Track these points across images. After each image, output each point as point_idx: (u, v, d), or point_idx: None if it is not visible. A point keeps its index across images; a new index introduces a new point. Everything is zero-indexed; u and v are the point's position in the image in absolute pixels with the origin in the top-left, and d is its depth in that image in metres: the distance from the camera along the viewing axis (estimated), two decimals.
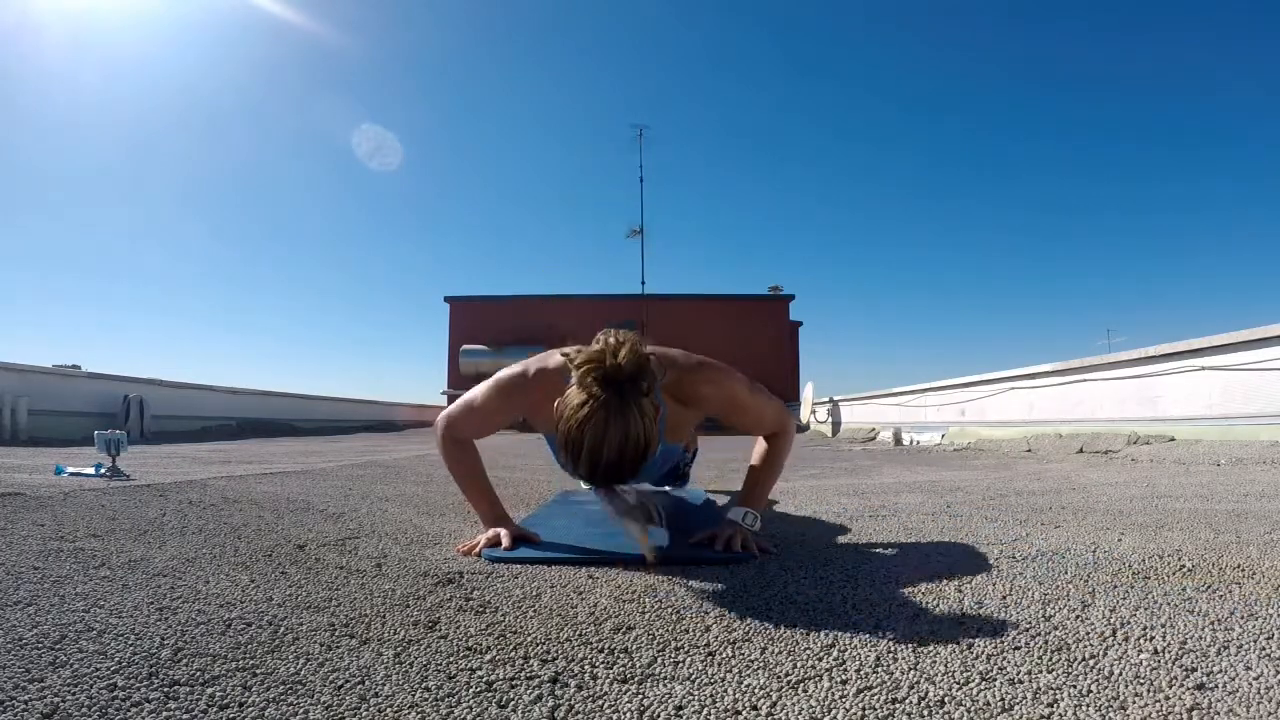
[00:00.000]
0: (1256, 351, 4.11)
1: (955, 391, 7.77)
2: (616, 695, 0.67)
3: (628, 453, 1.07)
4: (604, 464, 1.07)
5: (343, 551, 1.31)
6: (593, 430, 1.05)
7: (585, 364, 1.09)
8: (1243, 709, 0.63)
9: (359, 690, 0.67)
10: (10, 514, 1.51)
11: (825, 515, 1.92)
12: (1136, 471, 3.29)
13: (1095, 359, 5.63)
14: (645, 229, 17.04)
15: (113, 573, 1.07)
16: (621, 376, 1.07)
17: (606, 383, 1.07)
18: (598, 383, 1.07)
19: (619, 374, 1.07)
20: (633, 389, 1.07)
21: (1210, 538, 1.45)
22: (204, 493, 2.04)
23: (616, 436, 1.05)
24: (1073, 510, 1.94)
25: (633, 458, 1.07)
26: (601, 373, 1.07)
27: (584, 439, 1.06)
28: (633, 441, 1.06)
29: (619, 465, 1.08)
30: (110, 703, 0.62)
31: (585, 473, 1.10)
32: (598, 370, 1.08)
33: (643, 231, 17.02)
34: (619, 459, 1.07)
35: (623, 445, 1.06)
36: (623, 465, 1.08)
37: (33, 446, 5.01)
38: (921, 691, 0.67)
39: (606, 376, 1.07)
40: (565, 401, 1.09)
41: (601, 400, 1.06)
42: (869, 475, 3.42)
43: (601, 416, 1.05)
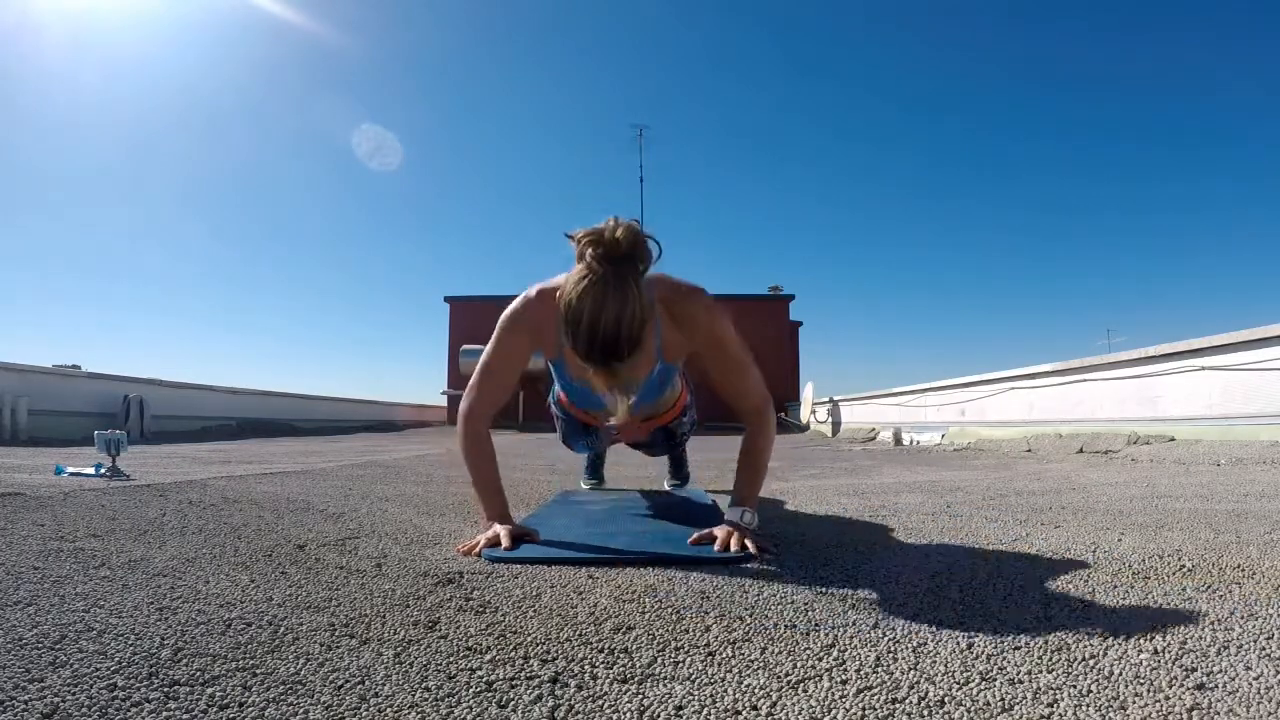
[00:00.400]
0: (1256, 351, 4.11)
1: (955, 391, 7.77)
2: (616, 695, 0.67)
3: (624, 325, 1.12)
4: (602, 335, 1.12)
5: (343, 551, 1.31)
6: (592, 300, 1.11)
7: (586, 237, 1.16)
8: (1243, 709, 0.63)
9: (359, 690, 0.67)
10: (10, 514, 1.51)
11: (825, 515, 1.92)
12: (1136, 471, 3.29)
13: (1095, 359, 5.63)
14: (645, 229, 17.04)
15: (113, 573, 1.07)
16: (619, 252, 1.14)
17: (606, 258, 1.13)
18: (597, 258, 1.13)
19: (617, 249, 1.14)
20: (630, 267, 1.15)
21: (1210, 538, 1.45)
22: (204, 493, 2.04)
23: (614, 308, 1.11)
24: (1073, 510, 1.94)
25: (629, 332, 1.13)
26: (601, 248, 1.14)
27: (584, 307, 1.12)
28: (629, 314, 1.12)
29: (616, 338, 1.12)
30: (110, 703, 0.62)
31: (584, 344, 1.14)
32: (597, 246, 1.14)
33: None
34: (616, 330, 1.12)
35: (619, 316, 1.11)
36: (619, 338, 1.13)
37: (33, 446, 5.01)
38: (921, 691, 0.67)
39: (606, 252, 1.14)
40: (568, 280, 1.16)
41: (601, 274, 1.12)
42: (869, 475, 3.42)
43: (601, 288, 1.11)
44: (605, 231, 1.15)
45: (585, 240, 1.16)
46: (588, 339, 1.13)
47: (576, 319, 1.13)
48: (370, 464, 3.66)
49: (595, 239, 1.15)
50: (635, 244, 1.16)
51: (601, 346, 1.13)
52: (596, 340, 1.13)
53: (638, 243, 1.17)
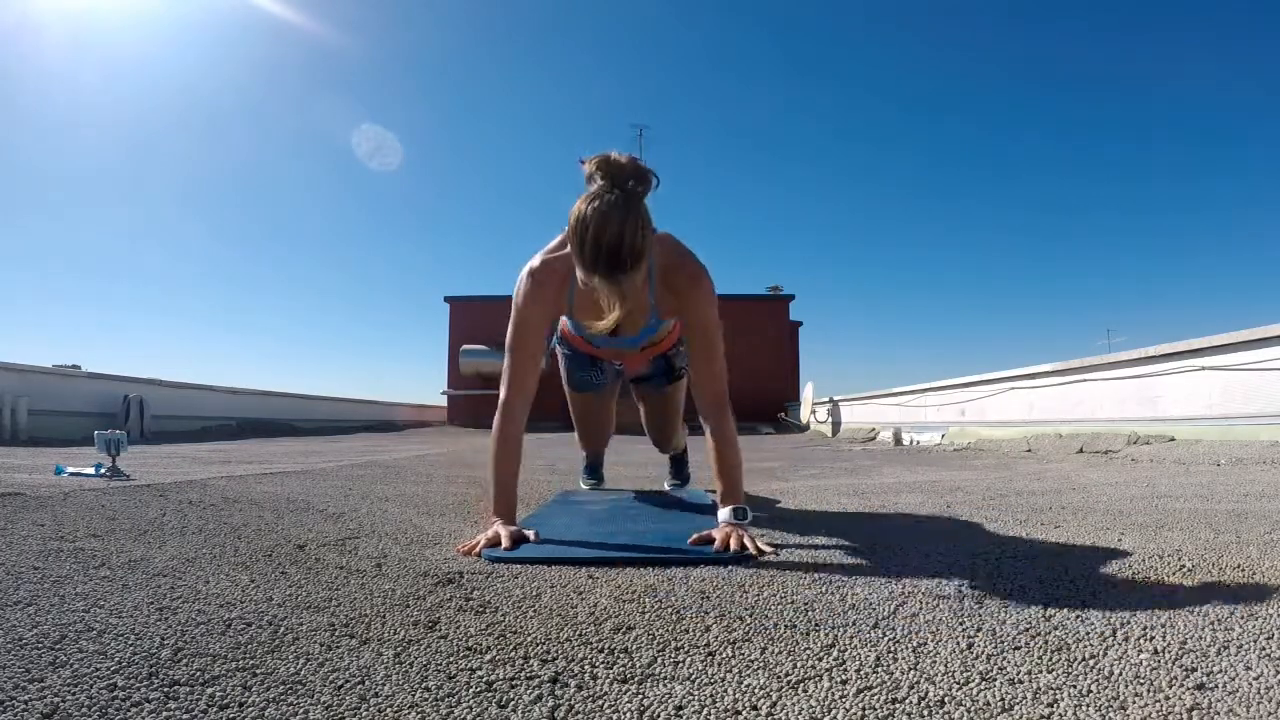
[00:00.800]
0: (1256, 351, 4.10)
1: (955, 391, 7.77)
2: (616, 695, 0.67)
3: (626, 238, 1.21)
4: (607, 246, 1.21)
5: (343, 551, 1.31)
6: (600, 214, 1.21)
7: (595, 161, 1.27)
8: (1243, 709, 0.63)
9: (359, 690, 0.67)
10: (10, 514, 1.51)
11: (825, 515, 1.92)
12: (1136, 471, 3.29)
13: (1095, 359, 5.63)
14: None
15: (113, 573, 1.07)
16: (625, 174, 1.25)
17: (613, 181, 1.24)
18: (604, 179, 1.24)
19: (622, 172, 1.25)
20: (633, 189, 1.25)
21: (1210, 538, 1.45)
22: (204, 493, 2.04)
23: (617, 221, 1.20)
24: (1073, 510, 1.94)
25: (630, 245, 1.21)
26: (609, 169, 1.25)
27: (591, 219, 1.21)
28: (631, 229, 1.21)
29: (619, 250, 1.21)
30: (110, 703, 0.62)
31: (590, 255, 1.22)
32: (605, 167, 1.25)
33: None
34: (619, 243, 1.20)
35: (622, 230, 1.20)
36: (621, 249, 1.21)
37: (33, 446, 5.01)
38: (921, 691, 0.67)
39: (613, 175, 1.25)
40: (580, 199, 1.26)
41: (609, 192, 1.23)
42: (869, 475, 3.42)
43: (609, 201, 1.22)
44: (613, 157, 1.27)
45: (595, 164, 1.26)
46: (594, 248, 1.22)
47: (584, 229, 1.22)
48: (370, 464, 3.66)
49: (604, 163, 1.26)
50: (638, 171, 1.27)
51: (607, 255, 1.21)
52: (602, 249, 1.21)
53: (640, 170, 1.28)
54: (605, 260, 1.22)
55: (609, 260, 1.22)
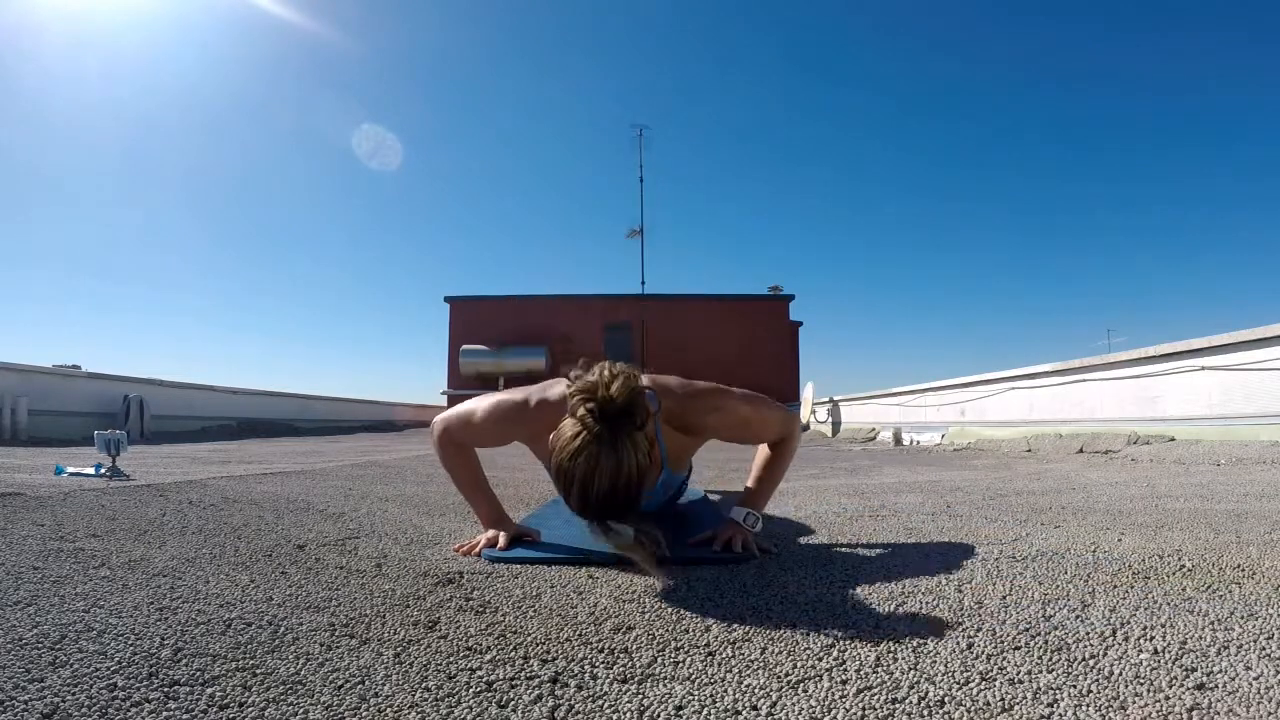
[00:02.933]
0: (1256, 351, 4.11)
1: (955, 391, 7.77)
2: (616, 695, 0.67)
3: (619, 487, 1.05)
4: (595, 498, 1.05)
5: (343, 551, 1.31)
6: (584, 463, 1.04)
7: (578, 394, 1.09)
8: (1243, 709, 0.63)
9: (359, 690, 0.67)
10: (10, 514, 1.51)
11: (825, 515, 1.92)
12: (1136, 471, 3.29)
13: (1095, 359, 5.63)
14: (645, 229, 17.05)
15: (113, 573, 1.07)
16: (614, 409, 1.06)
17: (599, 415, 1.06)
18: (590, 415, 1.06)
19: (611, 406, 1.06)
20: (626, 422, 1.07)
21: (1210, 538, 1.45)
22: (204, 493, 2.04)
23: (608, 470, 1.04)
24: (1073, 510, 1.94)
25: (625, 493, 1.06)
26: (595, 404, 1.06)
27: (575, 473, 1.05)
28: (625, 476, 1.04)
29: (610, 500, 1.06)
30: (110, 703, 0.62)
31: (577, 506, 1.08)
32: (590, 402, 1.07)
33: (642, 231, 17.03)
34: (610, 493, 1.05)
35: (614, 479, 1.04)
36: (614, 500, 1.06)
37: (33, 446, 5.01)
38: (921, 691, 0.67)
39: (600, 408, 1.06)
40: (559, 434, 1.08)
41: (594, 433, 1.04)
42: (869, 475, 3.42)
43: (593, 449, 1.04)
44: (599, 387, 1.08)
45: (578, 395, 1.09)
46: (580, 501, 1.07)
47: (569, 480, 1.06)
48: (370, 464, 3.66)
49: (588, 394, 1.08)
50: (631, 400, 1.08)
51: (596, 507, 1.07)
52: (590, 503, 1.07)
53: (634, 399, 1.09)
54: (595, 512, 1.08)
55: (599, 512, 1.08)
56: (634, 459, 1.05)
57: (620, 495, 1.06)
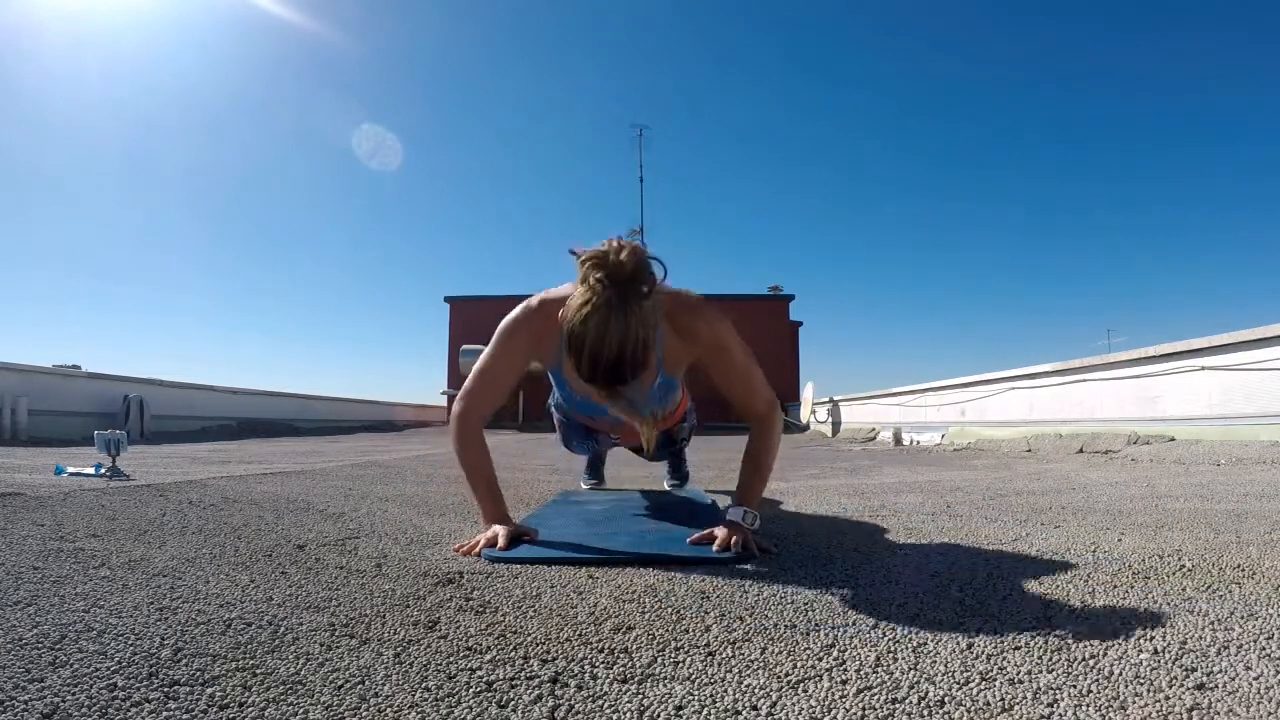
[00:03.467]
0: (1256, 351, 4.10)
1: (955, 391, 7.77)
2: (616, 695, 0.67)
3: (628, 349, 1.11)
4: (605, 359, 1.11)
5: (343, 551, 1.31)
6: (596, 325, 1.09)
7: (589, 259, 1.14)
8: (1243, 709, 0.63)
9: (359, 690, 0.67)
10: (10, 514, 1.51)
11: (825, 515, 1.92)
12: (1136, 471, 3.29)
13: (1095, 359, 5.63)
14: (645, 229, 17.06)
15: (113, 573, 1.07)
16: (623, 274, 1.12)
17: (609, 280, 1.11)
18: (600, 281, 1.11)
19: (620, 271, 1.12)
20: (634, 289, 1.12)
21: (1210, 538, 1.45)
22: (204, 493, 2.04)
23: (617, 332, 1.09)
24: (1073, 510, 1.94)
25: (633, 356, 1.11)
26: (605, 270, 1.11)
27: (587, 333, 1.10)
28: (632, 339, 1.10)
29: (619, 362, 1.11)
30: (110, 703, 0.62)
31: (588, 368, 1.13)
32: (600, 269, 1.12)
33: (642, 231, 17.03)
34: (619, 355, 1.11)
35: (623, 341, 1.10)
36: (623, 362, 1.11)
37: (33, 446, 5.01)
38: (921, 691, 0.67)
39: (609, 274, 1.11)
40: (570, 302, 1.14)
41: (605, 297, 1.10)
42: (869, 475, 3.42)
43: (604, 312, 1.09)
44: (609, 253, 1.13)
45: (589, 262, 1.13)
46: (591, 363, 1.12)
47: (580, 343, 1.12)
48: (370, 464, 3.66)
49: (599, 261, 1.13)
50: (639, 266, 1.14)
51: (605, 371, 1.12)
52: (600, 365, 1.12)
53: (641, 265, 1.14)
54: (604, 376, 1.14)
55: (608, 376, 1.13)
56: (641, 324, 1.11)
57: (629, 359, 1.11)
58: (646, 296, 1.13)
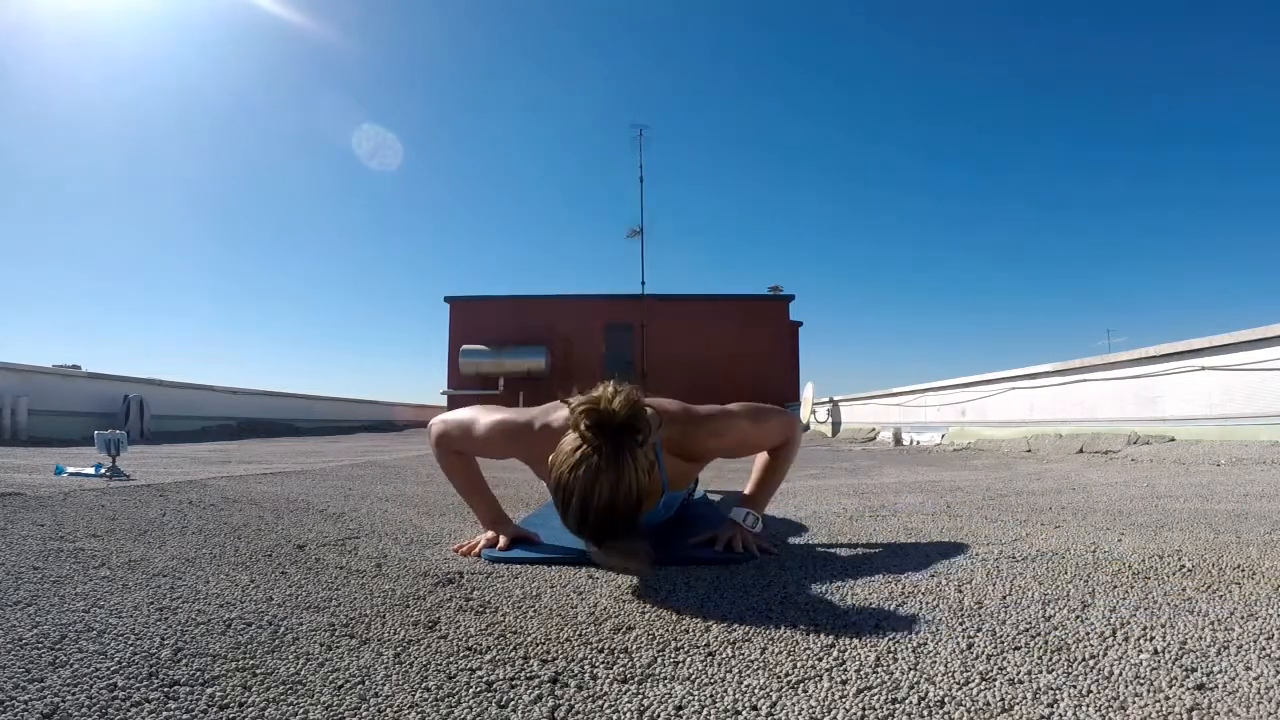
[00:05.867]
0: (1256, 351, 4.10)
1: (955, 391, 7.77)
2: (616, 695, 0.67)
3: (619, 503, 1.02)
4: (594, 514, 1.03)
5: (343, 551, 1.31)
6: (584, 478, 1.02)
7: (580, 408, 1.07)
8: (1243, 709, 0.63)
9: (359, 690, 0.67)
10: (10, 514, 1.51)
11: (825, 515, 1.92)
12: (1136, 471, 3.29)
13: (1095, 359, 5.63)
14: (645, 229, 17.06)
15: (113, 573, 1.07)
16: (615, 423, 1.05)
17: (600, 430, 1.05)
18: (591, 430, 1.05)
19: (612, 420, 1.05)
20: (627, 438, 1.05)
21: (1210, 538, 1.45)
22: (204, 493, 2.04)
23: (607, 485, 1.01)
24: (1073, 510, 1.94)
25: (624, 509, 1.03)
26: (595, 419, 1.05)
27: (575, 487, 1.02)
28: (624, 492, 1.02)
29: (610, 517, 1.03)
30: (110, 703, 0.62)
31: (575, 523, 1.05)
32: (591, 416, 1.05)
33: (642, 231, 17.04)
34: (610, 510, 1.03)
35: (614, 495, 1.02)
36: (614, 517, 1.03)
37: (33, 446, 5.01)
38: (921, 691, 0.67)
39: (600, 423, 1.05)
40: (560, 449, 1.07)
41: (595, 447, 1.03)
42: (869, 475, 3.42)
43: (593, 463, 1.02)
44: (600, 401, 1.07)
45: (580, 410, 1.06)
46: (579, 519, 1.04)
47: (567, 497, 1.04)
48: (370, 464, 3.66)
49: (590, 409, 1.06)
50: (633, 415, 1.07)
51: (594, 527, 1.05)
52: (589, 521, 1.04)
53: (636, 413, 1.07)
54: (593, 532, 1.06)
55: (597, 530, 1.05)
56: (634, 476, 1.03)
57: (620, 511, 1.03)
58: (641, 444, 1.06)
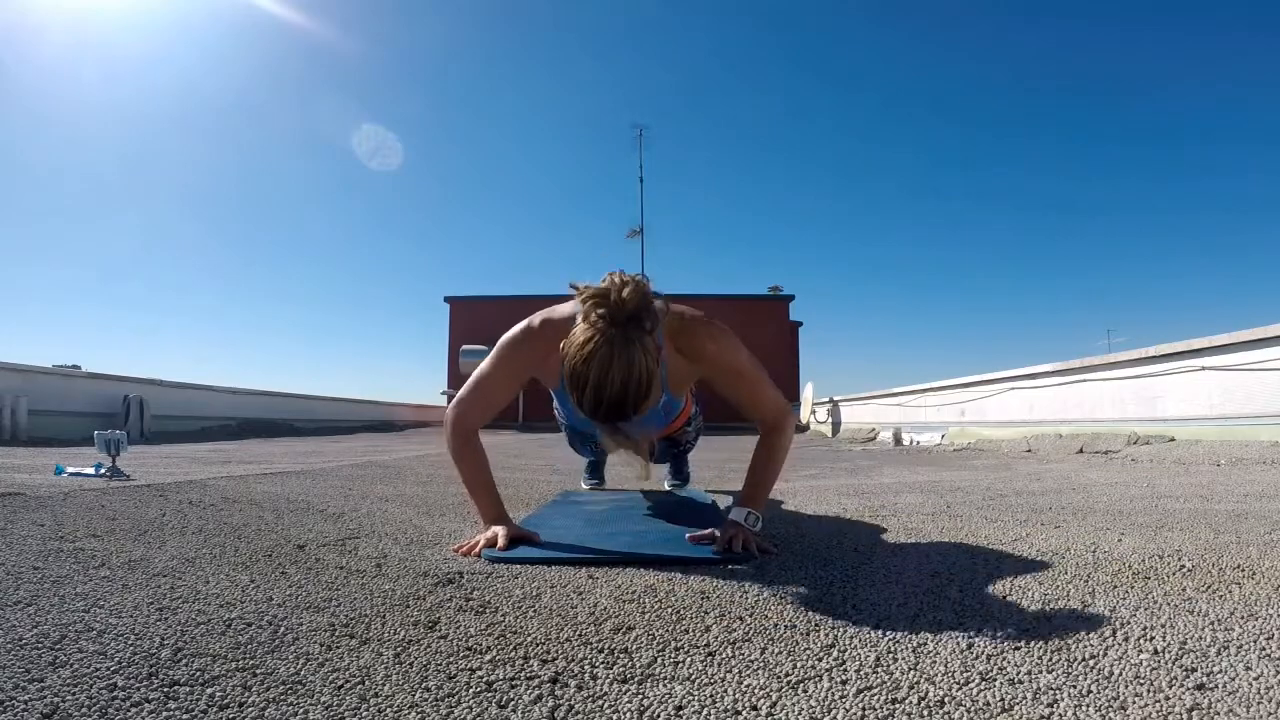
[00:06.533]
0: (1256, 351, 4.10)
1: (955, 391, 7.77)
2: (616, 695, 0.67)
3: (631, 388, 1.09)
4: (608, 398, 1.09)
5: (343, 551, 1.31)
6: (598, 364, 1.08)
7: (591, 299, 1.12)
8: (1243, 709, 0.63)
9: (359, 690, 0.67)
10: (10, 514, 1.51)
11: (825, 515, 1.92)
12: (1136, 471, 3.29)
13: (1095, 359, 5.63)
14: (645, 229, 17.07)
15: (113, 573, 1.07)
16: (625, 312, 1.11)
17: (611, 319, 1.10)
18: (602, 319, 1.10)
19: (623, 309, 1.11)
20: (636, 326, 1.11)
21: (1210, 538, 1.45)
22: (204, 493, 2.04)
23: (620, 371, 1.08)
24: (1073, 510, 1.94)
25: (636, 394, 1.10)
26: (606, 308, 1.11)
27: (589, 373, 1.09)
28: (636, 377, 1.09)
29: (623, 401, 1.10)
30: (110, 703, 0.62)
31: (590, 407, 1.12)
32: (602, 306, 1.11)
33: (642, 231, 17.05)
34: (623, 394, 1.09)
35: (626, 380, 1.09)
36: (626, 401, 1.10)
37: (33, 446, 5.01)
38: (921, 691, 0.67)
39: (611, 312, 1.10)
40: (571, 339, 1.13)
41: (607, 335, 1.09)
42: (869, 475, 3.42)
43: (606, 351, 1.08)
44: (610, 291, 1.12)
45: (590, 300, 1.12)
46: (593, 402, 1.11)
47: (581, 382, 1.10)
48: (370, 464, 3.66)
49: (600, 299, 1.11)
50: (641, 304, 1.12)
51: (607, 409, 1.11)
52: (602, 404, 1.10)
53: (644, 302, 1.13)
54: (606, 414, 1.12)
55: (610, 414, 1.12)
56: (644, 362, 1.10)
57: (631, 397, 1.10)
58: (650, 332, 1.12)
